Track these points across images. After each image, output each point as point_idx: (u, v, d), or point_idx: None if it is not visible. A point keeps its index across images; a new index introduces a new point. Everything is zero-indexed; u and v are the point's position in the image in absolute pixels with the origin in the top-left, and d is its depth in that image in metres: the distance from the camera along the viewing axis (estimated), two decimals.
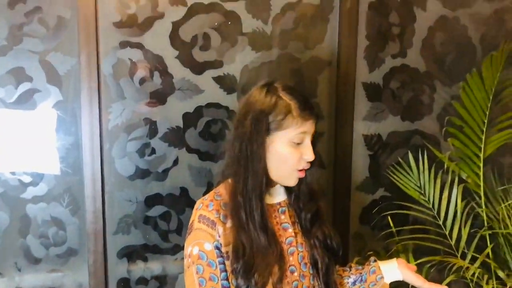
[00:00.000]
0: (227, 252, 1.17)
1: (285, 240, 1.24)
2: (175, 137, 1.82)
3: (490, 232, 1.94)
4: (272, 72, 1.85)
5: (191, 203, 1.85)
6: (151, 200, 1.84)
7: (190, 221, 1.21)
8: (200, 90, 1.81)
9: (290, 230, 1.27)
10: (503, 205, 1.91)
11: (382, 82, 1.94)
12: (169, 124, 1.81)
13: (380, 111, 1.96)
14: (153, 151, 1.81)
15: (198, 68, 1.80)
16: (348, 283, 1.40)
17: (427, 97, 1.98)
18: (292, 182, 1.23)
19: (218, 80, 1.81)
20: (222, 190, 1.24)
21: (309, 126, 1.19)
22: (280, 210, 1.27)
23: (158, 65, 1.77)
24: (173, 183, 1.84)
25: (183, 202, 1.85)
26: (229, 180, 1.24)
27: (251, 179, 1.17)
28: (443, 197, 1.96)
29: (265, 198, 1.21)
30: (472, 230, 1.98)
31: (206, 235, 1.16)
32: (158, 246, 1.86)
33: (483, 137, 1.94)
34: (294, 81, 1.87)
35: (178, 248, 1.87)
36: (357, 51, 1.89)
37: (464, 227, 1.96)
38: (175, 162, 1.83)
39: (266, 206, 1.20)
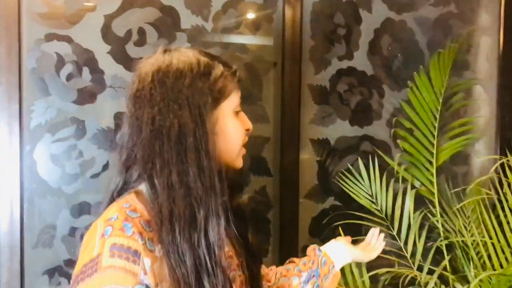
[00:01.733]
0: None
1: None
2: (106, 139, 1.66)
3: (446, 242, 1.83)
4: None
5: None
6: (78, 209, 1.65)
7: (92, 256, 0.80)
8: None
9: (227, 248, 0.98)
10: (455, 208, 1.82)
11: (329, 85, 1.86)
12: (99, 125, 1.66)
13: (327, 115, 1.86)
14: (80, 154, 1.65)
15: (132, 64, 1.67)
16: (300, 283, 1.15)
17: (376, 102, 1.91)
18: (240, 161, 0.97)
19: None
20: (134, 203, 0.87)
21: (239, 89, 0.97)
22: None
23: (88, 60, 1.64)
24: (103, 190, 1.67)
25: None
26: (141, 189, 0.90)
27: (198, 175, 0.86)
28: (396, 206, 1.86)
29: None
30: (428, 244, 1.88)
31: (124, 277, 0.78)
32: None
33: (435, 142, 1.87)
34: None
35: None
36: (302, 52, 1.81)
37: (420, 238, 1.85)
38: (105, 166, 1.67)
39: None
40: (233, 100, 0.94)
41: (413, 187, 1.87)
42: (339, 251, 1.17)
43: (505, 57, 2.01)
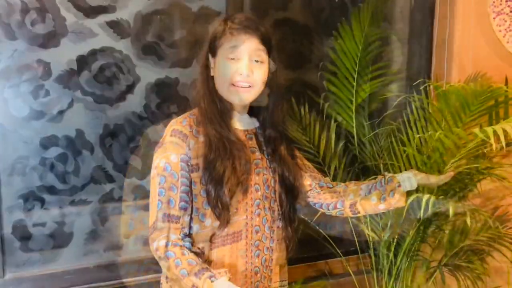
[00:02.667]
0: (197, 164, 1.32)
1: (253, 160, 1.39)
2: (70, 80, 1.87)
3: (362, 165, 2.22)
4: (165, 20, 1.96)
5: (87, 145, 1.91)
6: (47, 142, 1.87)
7: (162, 137, 1.36)
8: (94, 33, 1.87)
9: (257, 153, 1.42)
10: (368, 137, 2.19)
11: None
12: (63, 67, 1.86)
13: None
14: (47, 93, 1.85)
15: (92, 12, 1.86)
16: (360, 188, 1.53)
17: (307, 49, 2.21)
18: (233, 98, 1.36)
19: (111, 25, 1.89)
20: (196, 112, 1.39)
21: (242, 41, 1.31)
22: (247, 136, 1.42)
23: (50, 7, 1.81)
24: (69, 125, 1.89)
25: (79, 144, 1.91)
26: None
27: (206, 98, 1.38)
28: (322, 137, 2.21)
29: (233, 122, 1.40)
30: (348, 169, 2.26)
31: (176, 147, 1.31)
32: (55, 188, 1.90)
33: (355, 84, 2.21)
34: (185, 31, 2.00)
35: (75, 190, 1.92)
36: (244, 2, 2.06)
37: (340, 164, 2.22)
38: (70, 104, 1.88)
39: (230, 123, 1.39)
40: (225, 48, 1.33)
41: (336, 121, 2.22)
42: (405, 176, 1.48)
43: (415, 10, 2.35)
